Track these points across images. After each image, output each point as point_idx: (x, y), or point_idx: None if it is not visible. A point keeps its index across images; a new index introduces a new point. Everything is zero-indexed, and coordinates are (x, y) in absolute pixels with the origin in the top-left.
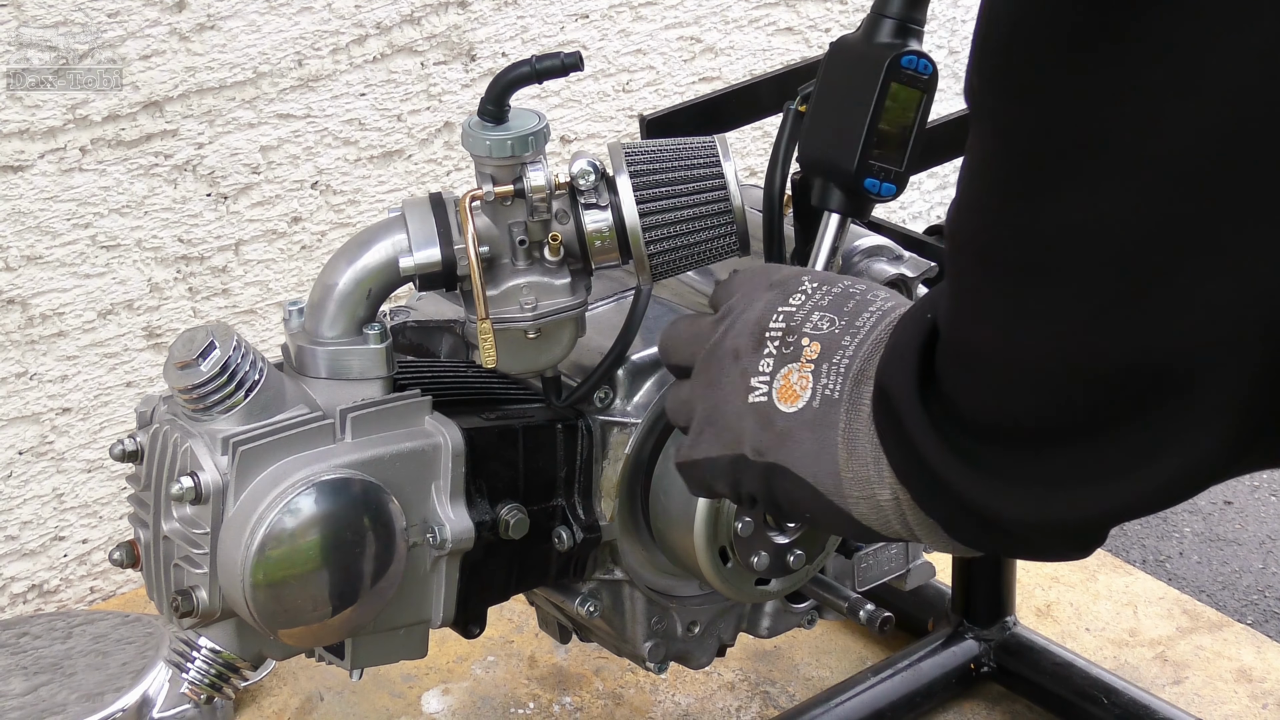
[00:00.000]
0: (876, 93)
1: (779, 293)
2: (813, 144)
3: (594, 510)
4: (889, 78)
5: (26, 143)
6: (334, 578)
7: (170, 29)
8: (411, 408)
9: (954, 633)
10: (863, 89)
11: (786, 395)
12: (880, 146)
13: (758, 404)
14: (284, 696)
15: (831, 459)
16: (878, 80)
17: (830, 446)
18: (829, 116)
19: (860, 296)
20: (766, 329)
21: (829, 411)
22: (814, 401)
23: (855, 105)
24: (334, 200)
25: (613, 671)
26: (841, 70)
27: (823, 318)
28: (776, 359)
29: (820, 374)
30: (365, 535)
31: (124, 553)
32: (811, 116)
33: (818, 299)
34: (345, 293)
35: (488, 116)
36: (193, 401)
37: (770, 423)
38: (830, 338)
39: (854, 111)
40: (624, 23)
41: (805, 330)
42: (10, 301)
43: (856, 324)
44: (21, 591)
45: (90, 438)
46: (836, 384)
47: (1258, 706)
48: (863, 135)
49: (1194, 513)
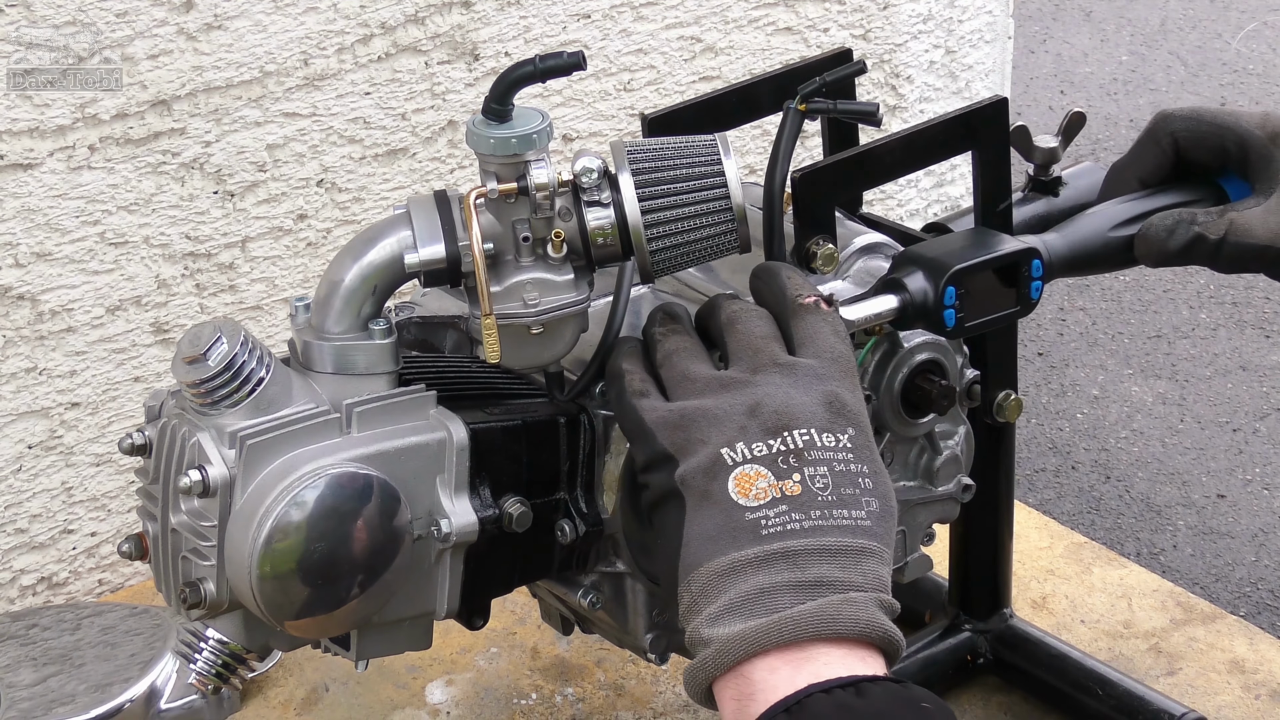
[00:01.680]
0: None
1: (829, 415)
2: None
3: (596, 503)
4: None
5: (36, 141)
6: (340, 570)
7: (178, 29)
8: (416, 402)
9: (951, 625)
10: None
11: (743, 486)
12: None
13: (721, 455)
14: (290, 687)
15: (711, 557)
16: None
17: (719, 552)
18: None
19: (860, 492)
20: (786, 431)
21: (745, 538)
22: (748, 515)
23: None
24: (339, 198)
25: (614, 663)
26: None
27: (824, 477)
28: (767, 460)
29: (775, 508)
30: (371, 528)
31: (133, 545)
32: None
33: (840, 457)
34: (351, 289)
35: (492, 115)
36: (200, 396)
37: (712, 476)
38: (808, 498)
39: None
40: (625, 23)
41: (805, 470)
42: (20, 297)
43: (833, 514)
44: (31, 584)
45: (99, 432)
46: (775, 530)
47: (1250, 697)
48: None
49: (1188, 506)
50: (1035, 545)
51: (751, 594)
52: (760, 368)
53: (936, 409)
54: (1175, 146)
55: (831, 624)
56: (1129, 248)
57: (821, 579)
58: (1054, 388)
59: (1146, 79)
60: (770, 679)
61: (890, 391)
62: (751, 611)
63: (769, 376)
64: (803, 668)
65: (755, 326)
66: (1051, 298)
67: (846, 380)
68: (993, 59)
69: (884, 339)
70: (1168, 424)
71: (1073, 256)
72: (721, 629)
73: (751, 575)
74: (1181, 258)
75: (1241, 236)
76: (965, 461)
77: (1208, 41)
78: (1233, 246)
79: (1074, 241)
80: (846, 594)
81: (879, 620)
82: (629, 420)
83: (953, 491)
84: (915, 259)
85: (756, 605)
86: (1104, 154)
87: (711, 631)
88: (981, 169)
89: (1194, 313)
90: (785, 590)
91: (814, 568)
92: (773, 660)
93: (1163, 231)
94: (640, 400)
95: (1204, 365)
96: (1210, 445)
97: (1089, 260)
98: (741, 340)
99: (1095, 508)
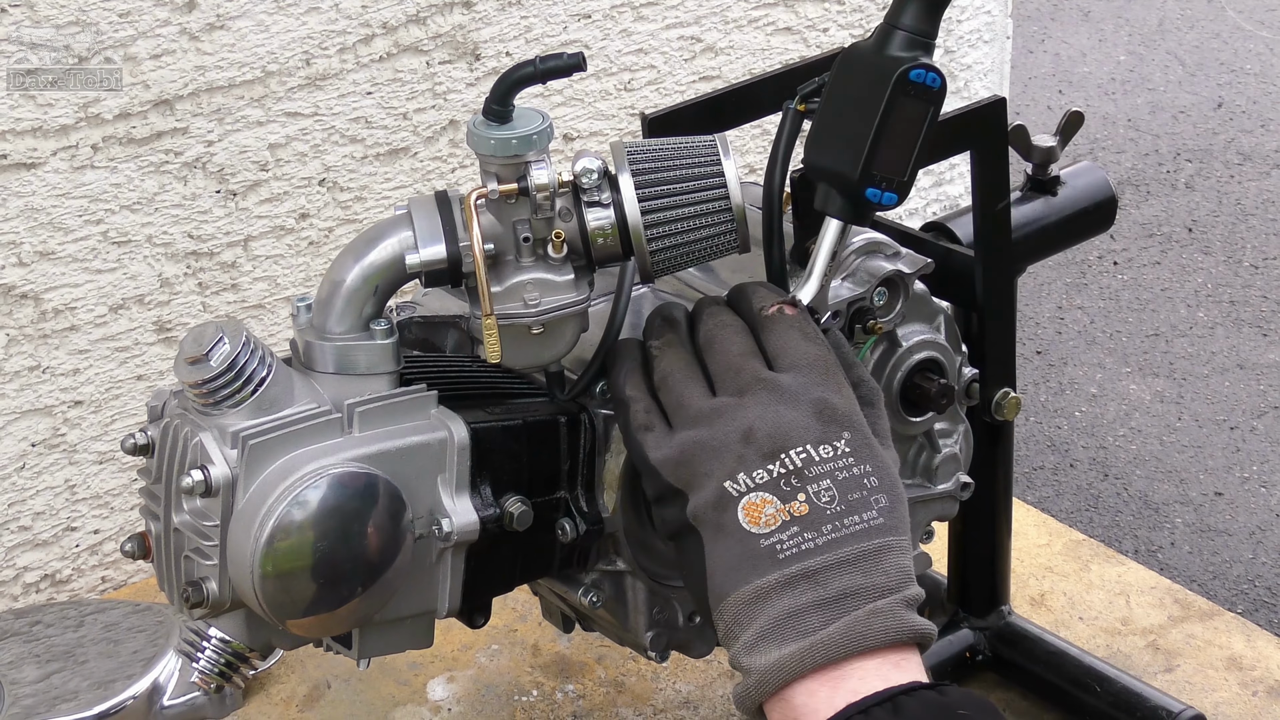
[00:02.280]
0: (883, 105)
1: (821, 426)
2: (817, 150)
3: (596, 502)
4: (897, 90)
5: (39, 140)
6: (341, 569)
7: (180, 29)
8: (418, 402)
9: (950, 622)
10: (870, 100)
11: (752, 515)
12: (884, 155)
13: (725, 489)
14: (292, 684)
15: (736, 586)
16: (885, 92)
17: (742, 581)
18: (835, 124)
19: (867, 492)
20: (782, 453)
21: (764, 565)
22: (763, 543)
23: (862, 116)
24: (341, 197)
25: (615, 660)
26: (850, 79)
27: (829, 489)
28: (770, 485)
29: (786, 531)
30: (372, 527)
31: (135, 545)
32: (818, 122)
33: (840, 464)
34: (352, 289)
35: (492, 116)
36: (203, 396)
37: (721, 509)
38: (817, 514)
39: (860, 122)
40: (625, 23)
41: (808, 488)
42: (23, 296)
43: (844, 523)
44: (34, 581)
45: (102, 430)
46: (791, 553)
47: (1248, 694)
48: (867, 145)
49: (1185, 504)
50: (1034, 543)
51: (781, 619)
52: (745, 389)
53: (935, 407)
54: None
55: (861, 640)
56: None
57: (845, 590)
58: (1052, 386)
59: (1144, 78)
60: (810, 702)
61: (889, 390)
62: (784, 636)
63: (756, 397)
64: (840, 686)
65: (732, 344)
66: (1050, 296)
67: (830, 383)
68: (991, 59)
69: (882, 339)
70: (1165, 422)
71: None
72: (759, 658)
73: (777, 599)
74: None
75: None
76: (964, 459)
77: (1205, 41)
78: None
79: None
80: (873, 603)
81: (907, 622)
82: (636, 456)
83: (951, 489)
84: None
85: (787, 629)
86: (1102, 153)
87: (750, 660)
88: (980, 168)
89: (1191, 311)
90: (812, 610)
91: (836, 581)
92: (810, 684)
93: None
94: (645, 435)
95: (1201, 364)
96: (1208, 443)
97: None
98: (721, 361)
99: (1093, 505)
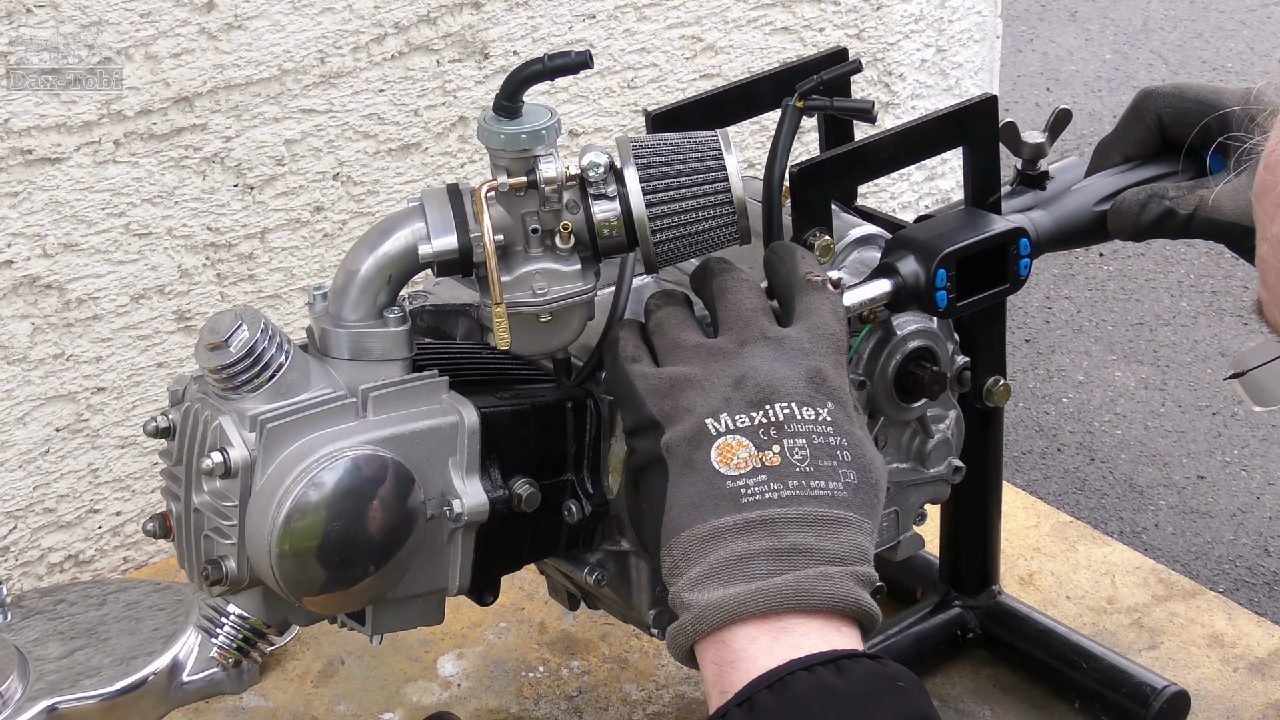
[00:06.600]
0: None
1: (808, 388)
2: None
3: (601, 485)
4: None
5: (63, 136)
6: (356, 548)
7: (199, 28)
8: (430, 387)
9: (942, 601)
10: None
11: (725, 455)
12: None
13: (705, 425)
14: (307, 660)
15: (693, 523)
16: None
17: (700, 518)
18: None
19: (838, 464)
20: (768, 404)
21: (725, 506)
22: (729, 484)
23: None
24: (354, 191)
25: (619, 637)
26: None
27: (803, 449)
28: (749, 430)
29: (754, 478)
30: (386, 508)
31: (156, 524)
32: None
33: (818, 430)
34: (367, 278)
35: (502, 111)
36: (222, 381)
37: (696, 445)
38: (786, 468)
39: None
40: (629, 23)
41: (784, 442)
42: (48, 286)
43: (810, 485)
44: (59, 561)
45: (124, 416)
46: (754, 498)
47: (1229, 670)
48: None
49: (1169, 487)
50: (1023, 524)
51: (731, 560)
52: (748, 340)
53: (928, 394)
54: (1159, 123)
55: (807, 597)
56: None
57: (798, 546)
58: (1040, 373)
59: (1129, 76)
60: (749, 648)
61: (884, 377)
62: (730, 577)
63: (756, 349)
64: (780, 638)
65: (746, 298)
66: (1038, 287)
67: (831, 356)
68: (982, 57)
69: (878, 327)
70: (1150, 408)
71: (1059, 232)
72: (702, 594)
73: (731, 541)
74: (1152, 231)
75: (1209, 213)
76: (956, 444)
77: (1188, 40)
78: (1201, 222)
79: (1059, 217)
80: (824, 567)
81: (854, 594)
82: (620, 384)
83: (944, 473)
84: (907, 243)
85: (735, 571)
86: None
87: (692, 596)
88: (972, 163)
89: (1175, 301)
90: (763, 557)
91: (790, 535)
92: (751, 629)
93: (1135, 206)
94: (631, 365)
95: (1184, 351)
96: (1190, 428)
97: (1074, 235)
98: (731, 310)
99: (1080, 488)
